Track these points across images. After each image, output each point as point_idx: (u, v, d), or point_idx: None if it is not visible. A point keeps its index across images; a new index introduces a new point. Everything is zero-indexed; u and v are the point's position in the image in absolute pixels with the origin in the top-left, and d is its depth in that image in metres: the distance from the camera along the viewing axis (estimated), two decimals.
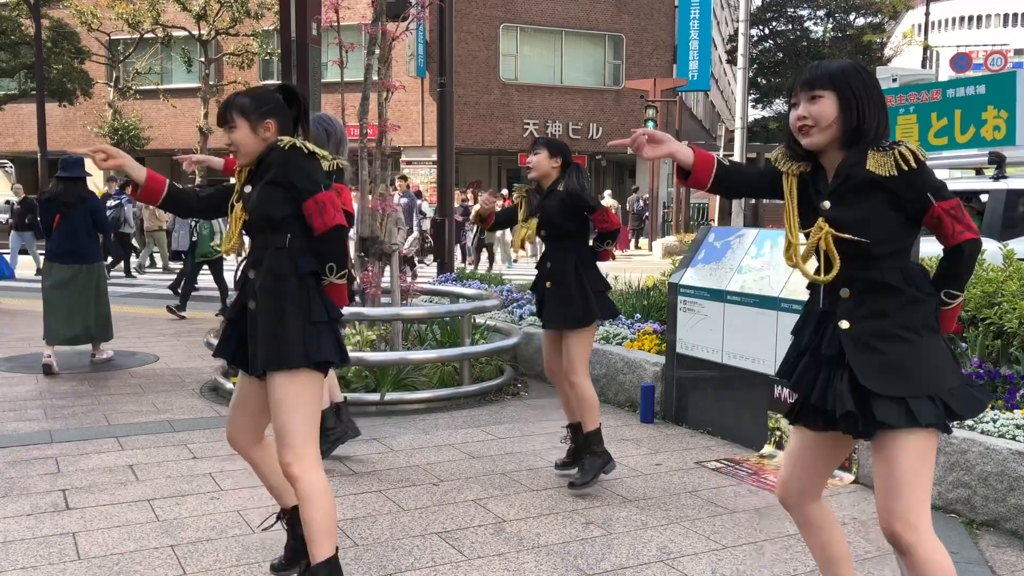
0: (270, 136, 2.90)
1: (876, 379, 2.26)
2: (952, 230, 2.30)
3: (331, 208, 2.83)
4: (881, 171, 2.27)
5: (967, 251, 2.32)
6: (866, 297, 2.33)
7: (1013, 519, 3.73)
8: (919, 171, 2.26)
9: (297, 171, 2.83)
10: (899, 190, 2.27)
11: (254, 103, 2.90)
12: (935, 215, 2.29)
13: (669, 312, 5.70)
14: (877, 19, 43.50)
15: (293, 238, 2.86)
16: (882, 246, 2.30)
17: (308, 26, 8.17)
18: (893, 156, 2.26)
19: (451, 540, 3.67)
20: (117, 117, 29.19)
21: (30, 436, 5.18)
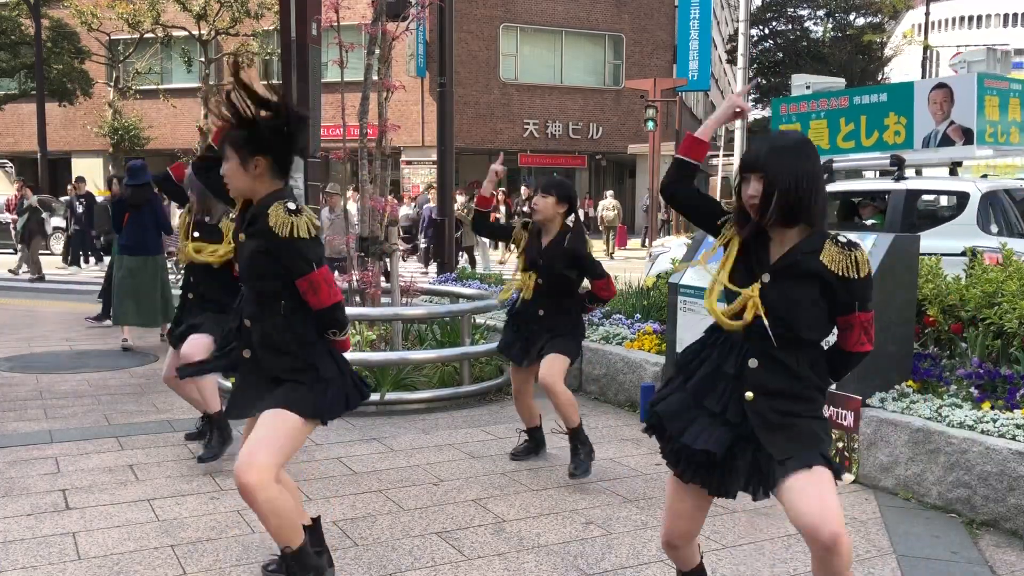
0: (260, 172, 2.81)
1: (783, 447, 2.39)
2: (857, 339, 2.44)
3: (325, 287, 2.81)
4: (833, 268, 2.35)
5: (857, 358, 2.50)
6: (775, 375, 2.42)
7: (1013, 519, 3.73)
8: (865, 279, 2.36)
9: (287, 252, 2.77)
10: (838, 289, 2.37)
11: (246, 138, 2.80)
12: (851, 322, 2.42)
13: (669, 312, 5.70)
14: (877, 19, 43.50)
15: (288, 303, 2.84)
16: (808, 331, 2.40)
17: (308, 26, 8.18)
18: (850, 259, 2.35)
19: (451, 540, 3.67)
20: (117, 117, 29.21)
21: (30, 436, 5.18)
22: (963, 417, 4.07)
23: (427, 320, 6.96)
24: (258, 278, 2.84)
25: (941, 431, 4.01)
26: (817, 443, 2.43)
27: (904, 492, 4.16)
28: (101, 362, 7.54)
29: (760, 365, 2.43)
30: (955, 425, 4.05)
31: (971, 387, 4.40)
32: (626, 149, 29.73)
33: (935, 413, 4.20)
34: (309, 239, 2.78)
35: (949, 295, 4.91)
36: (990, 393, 4.32)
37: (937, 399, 4.35)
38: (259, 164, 2.81)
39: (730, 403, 2.45)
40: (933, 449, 4.04)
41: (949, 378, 4.57)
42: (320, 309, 2.83)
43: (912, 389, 4.52)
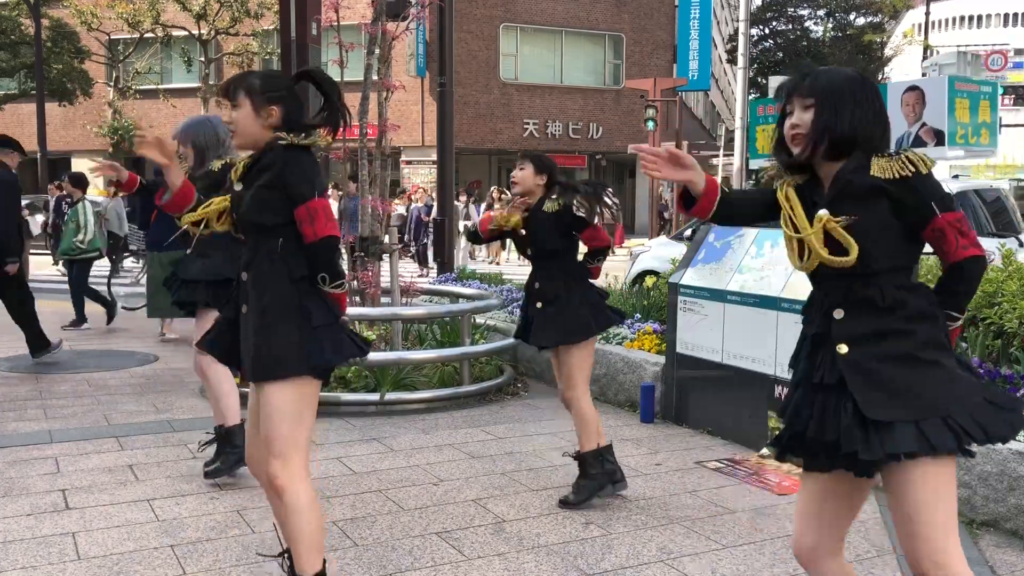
0: (273, 122, 2.76)
1: (881, 406, 2.07)
2: (955, 245, 2.13)
3: (323, 217, 2.70)
4: (886, 175, 2.12)
5: (968, 269, 2.15)
6: (864, 318, 2.16)
7: (1013, 519, 3.73)
8: (925, 177, 2.12)
9: (293, 172, 2.70)
10: (902, 196, 2.12)
11: (263, 85, 2.77)
12: (937, 227, 2.13)
13: (669, 312, 5.70)
14: (877, 19, 43.50)
15: (285, 241, 2.74)
16: (882, 260, 2.14)
17: (308, 26, 8.17)
18: (900, 160, 2.13)
19: (451, 540, 3.67)
20: (117, 117, 29.20)
21: (30, 436, 5.18)
22: None
23: (427, 320, 6.96)
24: (258, 211, 2.73)
25: None
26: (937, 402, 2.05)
27: None
28: (101, 362, 7.54)
29: (846, 314, 2.17)
30: None
31: None
32: (626, 149, 29.68)
33: None
34: (314, 164, 2.74)
35: None
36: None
37: None
38: (273, 113, 2.76)
39: (825, 365, 2.18)
40: None
41: None
42: (313, 241, 2.69)
43: None
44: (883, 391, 2.08)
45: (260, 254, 2.77)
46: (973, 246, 2.13)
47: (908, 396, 2.07)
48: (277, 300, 2.71)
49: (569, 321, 4.07)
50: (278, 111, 2.77)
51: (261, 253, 2.76)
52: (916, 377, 2.09)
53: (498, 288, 8.68)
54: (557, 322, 4.07)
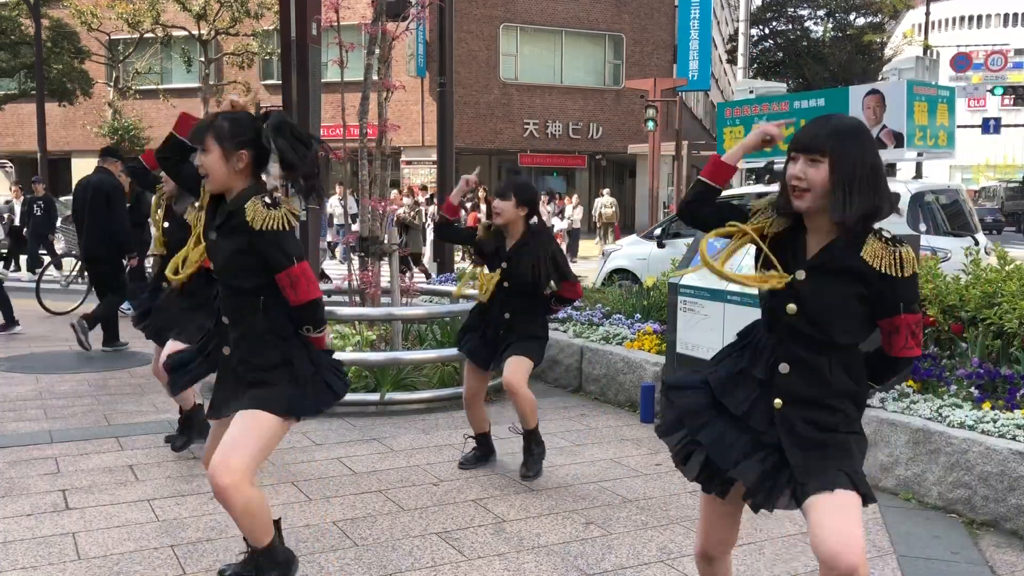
0: (242, 167, 2.77)
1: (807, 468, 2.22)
2: (903, 344, 2.25)
3: (304, 282, 2.75)
4: (876, 264, 2.17)
5: (904, 365, 2.32)
6: (806, 382, 2.26)
7: (1013, 519, 3.73)
8: (909, 279, 2.18)
9: (265, 247, 2.72)
10: (881, 289, 2.19)
11: (231, 130, 2.77)
12: (896, 325, 2.22)
13: (669, 312, 5.70)
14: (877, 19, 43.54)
15: (267, 299, 2.80)
16: (843, 335, 2.24)
17: (308, 26, 8.18)
18: (895, 255, 2.17)
19: (451, 540, 3.67)
20: (117, 117, 29.19)
21: (30, 436, 5.18)
22: (963, 417, 4.07)
23: (427, 320, 6.96)
24: (236, 276, 2.79)
25: (941, 431, 4.01)
26: (846, 462, 2.24)
27: (904, 492, 4.16)
28: (101, 362, 7.54)
29: (792, 370, 2.27)
30: (955, 425, 4.05)
31: (971, 387, 4.40)
32: (626, 149, 29.71)
33: (935, 413, 4.20)
34: (287, 233, 2.74)
35: (949, 295, 4.91)
36: (990, 393, 4.32)
37: (937, 399, 4.35)
38: (242, 158, 2.77)
39: (756, 409, 2.30)
40: (933, 449, 4.04)
41: (949, 378, 4.57)
42: (298, 305, 2.78)
43: (912, 389, 4.52)
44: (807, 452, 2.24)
45: (242, 309, 2.83)
46: (917, 347, 2.27)
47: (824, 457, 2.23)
48: (264, 356, 2.81)
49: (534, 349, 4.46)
50: (247, 155, 2.78)
51: (244, 309, 2.83)
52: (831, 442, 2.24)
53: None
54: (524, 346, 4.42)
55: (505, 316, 4.44)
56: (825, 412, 2.26)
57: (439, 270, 12.36)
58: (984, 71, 38.85)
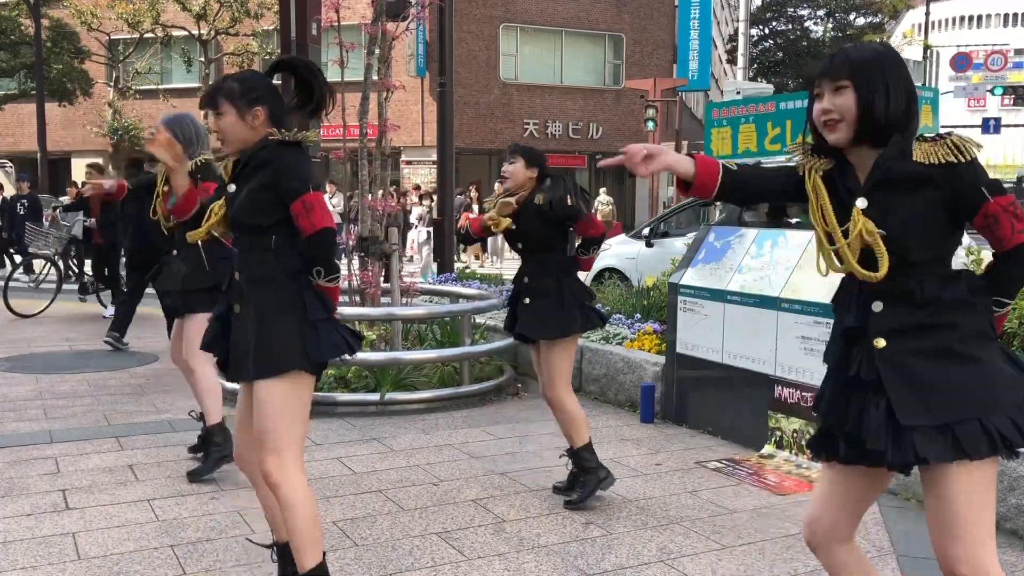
0: (259, 124, 2.76)
1: (916, 409, 2.00)
2: (1011, 229, 2.01)
3: (319, 210, 2.70)
4: (930, 160, 2.01)
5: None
6: (903, 311, 2.07)
7: (1013, 519, 3.73)
8: (972, 163, 2.01)
9: (287, 169, 2.70)
10: (950, 184, 2.01)
11: (243, 88, 2.77)
12: (990, 213, 2.00)
13: (669, 312, 5.70)
14: (877, 19, 43.56)
15: (279, 239, 2.74)
16: (923, 251, 2.05)
17: (308, 26, 8.19)
18: (945, 145, 2.02)
19: (451, 540, 3.67)
20: (117, 117, 29.19)
21: (30, 436, 5.18)
22: None
23: (427, 320, 6.96)
24: (251, 214, 2.73)
25: None
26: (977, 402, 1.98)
27: (904, 492, 4.16)
28: (101, 362, 7.54)
29: (885, 306, 2.08)
30: None
31: None
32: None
33: None
34: (306, 159, 2.74)
35: None
36: None
37: None
38: (258, 115, 2.76)
39: (861, 359, 2.10)
40: None
41: None
42: (311, 234, 2.69)
43: None
44: (919, 392, 2.02)
45: (254, 253, 2.77)
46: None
47: (944, 397, 2.00)
48: (274, 296, 2.72)
49: (554, 317, 4.03)
50: (263, 111, 2.77)
51: (255, 251, 2.77)
52: (955, 375, 2.01)
53: (498, 288, 8.68)
54: (542, 317, 4.06)
55: (525, 280, 4.16)
56: (934, 333, 2.04)
57: (439, 270, 12.35)
58: (984, 71, 38.83)
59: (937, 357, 2.03)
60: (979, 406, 1.99)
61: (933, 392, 2.01)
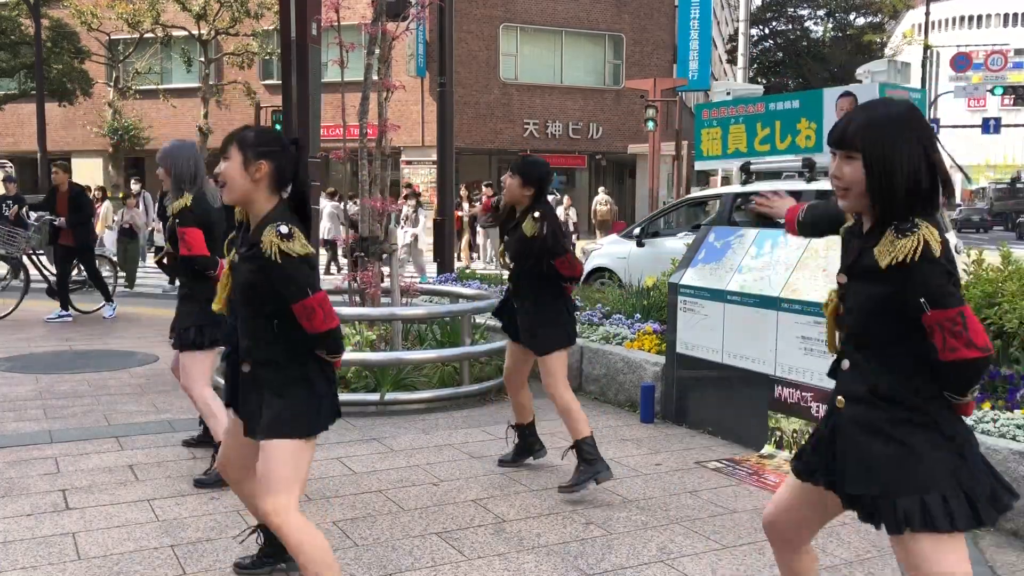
0: (259, 177, 2.74)
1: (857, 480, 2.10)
2: (942, 346, 1.99)
3: (320, 313, 2.68)
4: (883, 260, 2.00)
5: (956, 370, 2.01)
6: (854, 378, 2.16)
7: (1013, 519, 3.73)
8: (925, 268, 1.96)
9: (281, 280, 2.66)
10: (896, 284, 2.01)
11: (255, 140, 2.76)
12: (928, 324, 2.00)
13: (669, 312, 5.70)
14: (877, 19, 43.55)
15: (281, 323, 2.73)
16: (880, 335, 2.10)
17: (308, 26, 8.19)
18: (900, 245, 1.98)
19: (451, 540, 3.67)
20: (117, 117, 29.20)
21: (30, 436, 5.18)
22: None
23: (427, 320, 6.96)
24: (251, 302, 2.76)
25: None
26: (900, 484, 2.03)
27: None
28: (101, 362, 7.54)
29: (850, 366, 2.18)
30: None
31: None
32: (626, 149, 29.72)
33: None
34: (301, 263, 2.67)
35: None
36: (990, 393, 4.32)
37: None
38: (261, 168, 2.74)
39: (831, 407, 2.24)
40: None
41: None
42: (314, 334, 2.72)
43: None
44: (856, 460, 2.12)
45: (258, 332, 2.77)
46: (965, 347, 1.98)
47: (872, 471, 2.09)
48: (282, 377, 2.76)
49: (543, 331, 4.28)
50: (266, 166, 2.74)
51: (259, 331, 2.77)
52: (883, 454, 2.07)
53: (498, 288, 8.68)
54: (532, 330, 4.31)
55: (517, 294, 4.41)
56: (874, 411, 2.10)
57: (439, 270, 12.36)
58: (984, 71, 38.86)
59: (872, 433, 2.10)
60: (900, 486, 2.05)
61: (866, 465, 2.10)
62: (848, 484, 2.13)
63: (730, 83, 10.58)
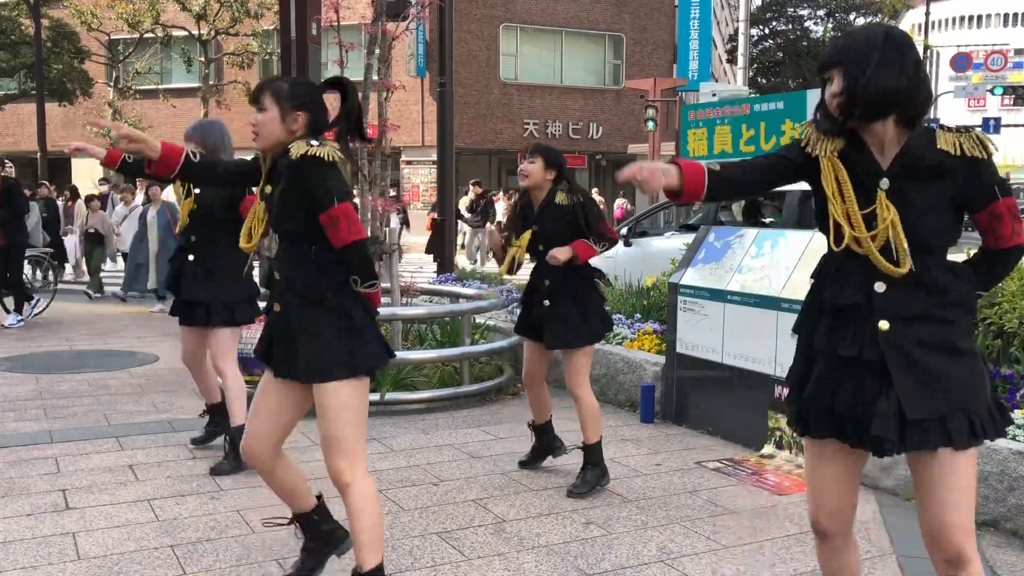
0: (297, 128, 2.77)
1: (920, 403, 2.07)
2: (1011, 230, 2.09)
3: (344, 223, 2.69)
4: (956, 151, 2.04)
5: (1017, 254, 2.15)
6: (907, 296, 2.10)
7: (1013, 519, 3.73)
8: (991, 160, 2.07)
9: (312, 181, 2.70)
10: (968, 177, 2.06)
11: (291, 91, 2.79)
12: (997, 212, 2.08)
13: (669, 312, 5.70)
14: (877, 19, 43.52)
15: (318, 246, 2.75)
16: (933, 239, 2.09)
17: (308, 26, 8.18)
18: (971, 138, 2.06)
19: (451, 540, 3.67)
20: (117, 117, 29.18)
21: (30, 436, 5.18)
22: None
23: (427, 320, 6.96)
24: (285, 219, 2.75)
25: None
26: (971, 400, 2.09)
27: (905, 492, 4.16)
28: (101, 362, 7.54)
29: (889, 287, 2.10)
30: None
31: None
32: (626, 149, 29.73)
33: None
34: (331, 169, 2.72)
35: None
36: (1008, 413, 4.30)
37: None
38: (298, 119, 2.76)
39: (865, 339, 2.11)
40: None
41: None
42: (341, 247, 2.71)
43: None
44: (922, 383, 2.08)
45: (296, 262, 2.78)
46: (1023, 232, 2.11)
47: (943, 389, 2.08)
48: (318, 305, 2.74)
49: (578, 327, 4.22)
50: (304, 117, 2.78)
51: (297, 261, 2.77)
52: (952, 369, 2.09)
53: (498, 288, 8.67)
54: (569, 327, 4.22)
55: (545, 283, 4.27)
56: (936, 325, 2.09)
57: (439, 270, 12.35)
58: (984, 71, 38.84)
59: (937, 350, 2.09)
60: (970, 401, 2.10)
61: (934, 385, 2.08)
62: (914, 409, 2.07)
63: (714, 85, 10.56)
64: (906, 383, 2.08)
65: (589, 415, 4.28)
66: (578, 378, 4.27)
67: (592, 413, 4.28)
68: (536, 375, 4.53)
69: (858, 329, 2.13)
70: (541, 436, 4.65)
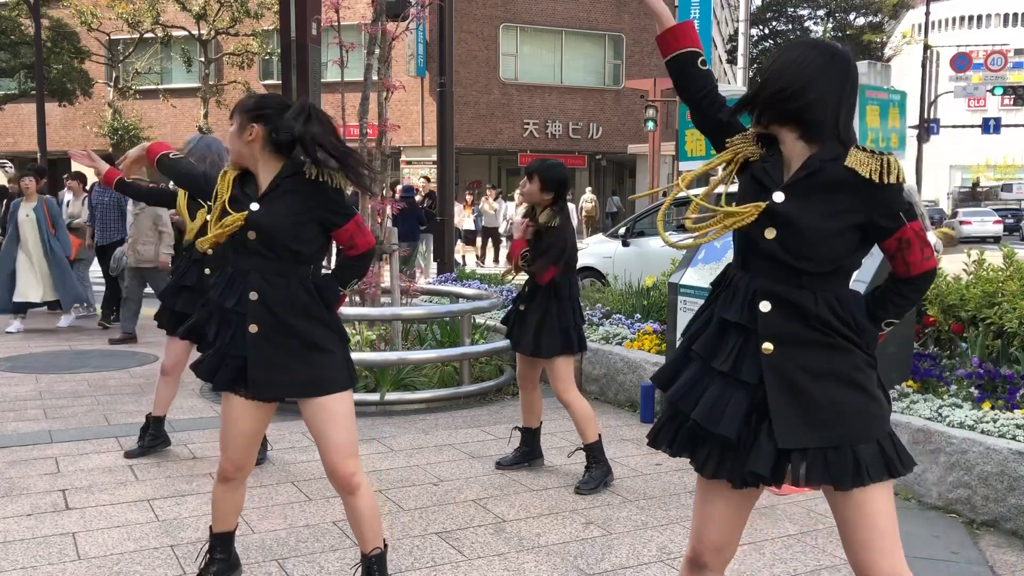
0: (251, 140, 2.78)
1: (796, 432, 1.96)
2: (921, 255, 2.01)
3: (360, 233, 2.88)
4: (864, 172, 1.95)
5: (929, 279, 2.06)
6: (792, 319, 2.00)
7: (1013, 519, 3.73)
8: (899, 187, 1.97)
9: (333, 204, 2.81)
10: (872, 201, 1.97)
11: (252, 103, 2.85)
12: (905, 238, 1.99)
13: (669, 312, 5.70)
14: (877, 19, 43.56)
15: (315, 268, 2.86)
16: (825, 263, 1.99)
17: (308, 26, 8.18)
18: (882, 162, 1.97)
19: (451, 540, 3.67)
20: (117, 117, 29.21)
21: (30, 436, 5.18)
22: (963, 417, 4.07)
23: (427, 320, 6.96)
24: (292, 241, 2.76)
25: (941, 431, 4.01)
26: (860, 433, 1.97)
27: (904, 492, 4.16)
28: (101, 362, 7.54)
29: (774, 308, 2.00)
30: (955, 425, 4.05)
31: (971, 387, 4.40)
32: (626, 149, 29.74)
33: (935, 413, 4.21)
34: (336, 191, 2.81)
35: (949, 295, 4.91)
36: (990, 393, 4.32)
37: (937, 399, 4.35)
38: (252, 131, 2.79)
39: (744, 359, 2.02)
40: (933, 449, 4.04)
41: (949, 378, 4.57)
42: (359, 254, 2.88)
43: (912, 389, 4.53)
44: (803, 413, 1.97)
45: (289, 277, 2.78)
46: (933, 256, 2.04)
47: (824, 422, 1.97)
48: (320, 325, 2.81)
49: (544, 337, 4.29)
50: (259, 129, 2.78)
51: (290, 280, 2.78)
52: (837, 400, 1.97)
53: (498, 288, 8.68)
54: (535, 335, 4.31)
55: (526, 289, 4.45)
56: (820, 352, 1.98)
57: (439, 270, 12.36)
58: (984, 71, 38.85)
59: (828, 379, 1.98)
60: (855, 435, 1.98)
61: (816, 414, 1.97)
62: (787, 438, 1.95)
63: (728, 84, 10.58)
64: (782, 412, 1.97)
65: (582, 418, 4.34)
66: (562, 384, 4.34)
67: (584, 415, 4.34)
68: (527, 378, 4.61)
69: (737, 344, 2.05)
70: (526, 442, 4.69)
